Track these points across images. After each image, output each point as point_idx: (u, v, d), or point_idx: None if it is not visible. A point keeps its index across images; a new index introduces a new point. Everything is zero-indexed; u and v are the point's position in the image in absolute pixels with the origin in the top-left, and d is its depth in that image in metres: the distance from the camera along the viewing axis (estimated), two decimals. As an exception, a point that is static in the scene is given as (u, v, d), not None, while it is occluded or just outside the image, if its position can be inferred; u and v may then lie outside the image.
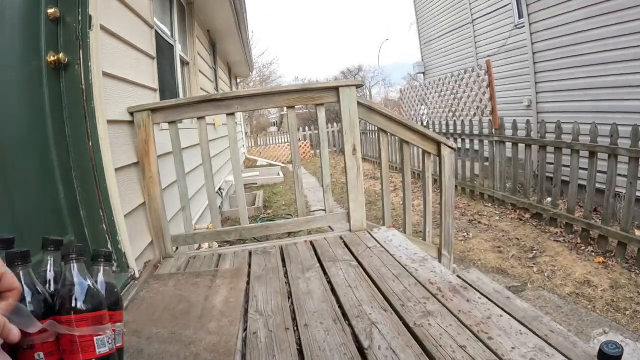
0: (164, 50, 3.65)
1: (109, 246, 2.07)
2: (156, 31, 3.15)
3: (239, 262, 2.35)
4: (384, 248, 2.32)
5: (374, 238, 2.53)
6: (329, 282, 1.92)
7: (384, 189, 2.87)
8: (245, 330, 1.52)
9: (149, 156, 2.44)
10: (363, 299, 1.68)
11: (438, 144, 2.74)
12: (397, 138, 2.83)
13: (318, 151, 13.26)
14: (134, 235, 2.28)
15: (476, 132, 6.15)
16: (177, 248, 2.87)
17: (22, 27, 1.66)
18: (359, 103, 2.56)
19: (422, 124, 8.38)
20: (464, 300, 1.59)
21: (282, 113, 34.81)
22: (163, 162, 2.68)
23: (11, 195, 1.51)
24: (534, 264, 3.76)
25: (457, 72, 7.31)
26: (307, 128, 16.76)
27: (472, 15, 9.34)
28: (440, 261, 2.86)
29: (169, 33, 3.85)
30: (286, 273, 2.11)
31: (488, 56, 8.01)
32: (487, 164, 5.96)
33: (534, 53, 6.76)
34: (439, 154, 2.75)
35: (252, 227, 2.73)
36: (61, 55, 1.83)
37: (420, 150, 2.88)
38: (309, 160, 14.19)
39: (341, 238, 2.59)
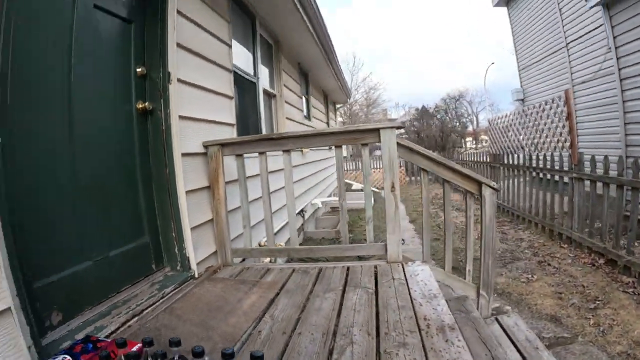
0: (245, 87, 4.28)
1: (176, 250, 2.61)
2: (236, 72, 3.77)
3: (280, 276, 2.74)
4: (406, 281, 2.49)
5: (403, 271, 2.70)
6: (340, 304, 2.19)
7: (424, 225, 3.05)
8: (254, 328, 1.90)
9: (218, 182, 2.97)
10: (358, 322, 1.94)
11: (479, 184, 2.83)
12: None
13: (413, 178, 13.21)
14: (199, 244, 2.79)
15: (557, 166, 5.84)
16: (244, 259, 3.35)
17: (118, 81, 2.29)
18: (398, 144, 2.77)
19: (507, 155, 8.15)
20: (443, 340, 1.72)
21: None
22: (234, 186, 3.18)
23: (108, 206, 2.10)
24: (593, 315, 3.53)
25: (538, 103, 7.05)
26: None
27: (565, 38, 8.69)
28: (478, 301, 2.94)
29: (251, 72, 4.49)
30: (311, 291, 2.44)
31: (583, 82, 7.46)
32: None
33: (621, 79, 6.18)
34: (480, 194, 2.85)
35: (299, 248, 3.12)
36: (147, 103, 2.44)
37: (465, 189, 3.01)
38: (402, 187, 14.26)
39: (375, 267, 2.81)
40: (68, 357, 1.50)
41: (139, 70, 2.46)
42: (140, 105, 2.43)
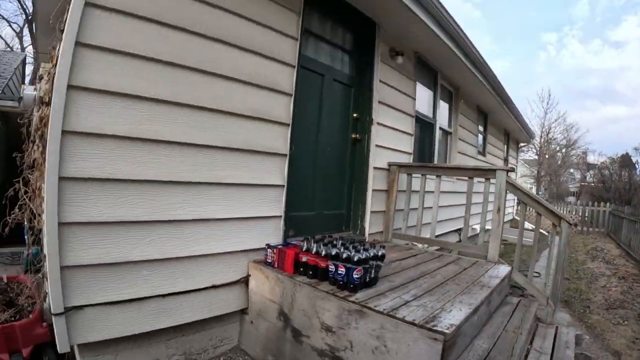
0: (424, 126, 6.01)
1: (359, 222, 4.53)
2: (417, 116, 5.54)
3: (415, 251, 4.38)
4: (488, 270, 3.82)
5: (492, 265, 3.99)
6: (440, 267, 3.71)
7: (517, 244, 4.26)
8: (391, 264, 3.64)
9: (393, 189, 4.79)
10: (443, 274, 3.45)
11: (559, 218, 3.93)
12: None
13: (585, 228, 12.77)
14: (372, 223, 4.64)
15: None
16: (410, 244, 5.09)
17: (343, 121, 4.36)
18: (507, 182, 4.06)
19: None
20: (478, 288, 3.07)
21: (583, 183, 32.37)
22: (401, 194, 4.96)
23: (328, 187, 4.15)
24: (651, 362, 3.84)
25: None
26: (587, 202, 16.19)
27: None
28: (546, 309, 3.92)
29: (430, 115, 6.21)
30: (428, 260, 4.02)
31: None
32: None
33: None
34: (560, 226, 3.95)
35: (432, 240, 4.71)
36: (357, 135, 4.46)
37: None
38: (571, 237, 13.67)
39: (476, 261, 4.16)
40: (302, 240, 3.43)
41: (354, 115, 4.50)
42: (353, 136, 4.46)
